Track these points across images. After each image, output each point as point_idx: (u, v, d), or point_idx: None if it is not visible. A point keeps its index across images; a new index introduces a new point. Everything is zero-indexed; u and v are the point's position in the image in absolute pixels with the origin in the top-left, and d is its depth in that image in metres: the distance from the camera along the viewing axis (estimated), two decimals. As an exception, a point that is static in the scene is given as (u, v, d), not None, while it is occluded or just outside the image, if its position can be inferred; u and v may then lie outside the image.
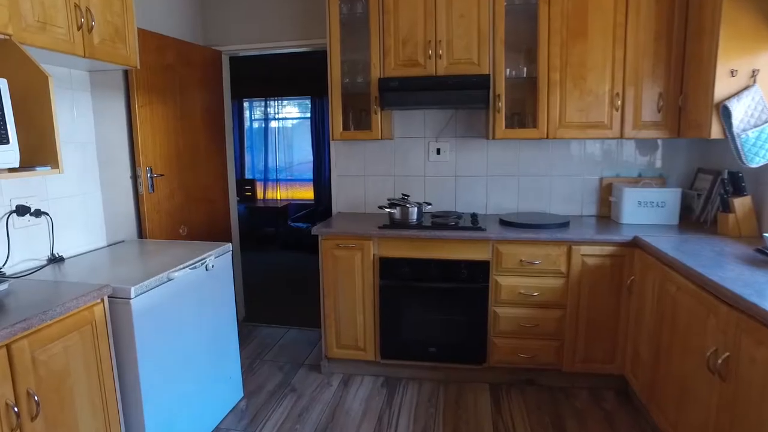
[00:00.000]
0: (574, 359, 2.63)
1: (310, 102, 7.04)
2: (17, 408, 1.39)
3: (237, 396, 2.62)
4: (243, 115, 7.35)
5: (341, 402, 2.63)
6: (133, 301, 1.81)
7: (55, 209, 2.20)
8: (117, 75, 2.58)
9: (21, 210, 2.01)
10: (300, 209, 6.89)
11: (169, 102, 2.93)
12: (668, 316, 2.06)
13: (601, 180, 3.04)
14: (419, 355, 2.77)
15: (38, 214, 2.08)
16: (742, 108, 2.19)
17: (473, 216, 2.95)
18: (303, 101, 7.30)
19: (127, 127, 2.66)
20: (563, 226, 2.71)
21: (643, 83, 2.63)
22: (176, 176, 3.00)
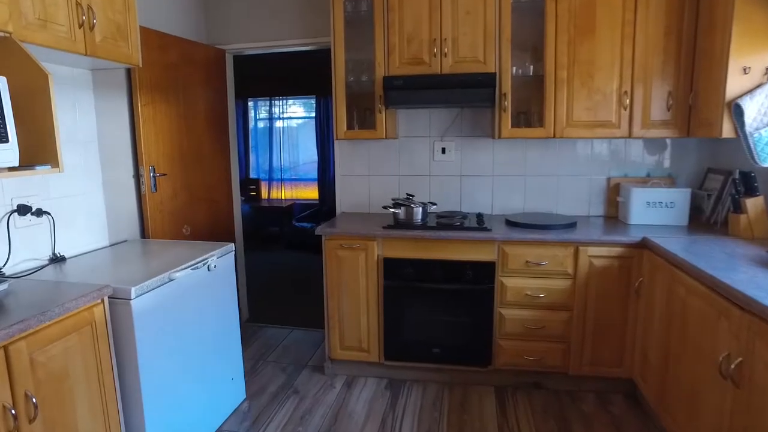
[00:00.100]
0: (581, 362, 2.59)
1: (315, 101, 7.03)
2: (15, 410, 1.37)
3: (239, 397, 2.60)
4: (248, 115, 7.34)
5: (344, 404, 2.60)
6: (134, 302, 1.79)
7: (57, 209, 2.19)
8: (119, 74, 2.57)
9: (22, 209, 2.00)
10: (304, 209, 6.88)
11: (172, 101, 2.91)
12: (678, 319, 2.01)
13: (609, 180, 3.00)
14: (424, 357, 2.74)
15: (40, 214, 2.07)
16: (755, 106, 2.14)
17: (479, 216, 2.92)
18: (308, 101, 7.29)
19: (130, 126, 2.65)
20: (570, 227, 2.67)
21: (652, 81, 2.58)
22: (179, 176, 2.98)
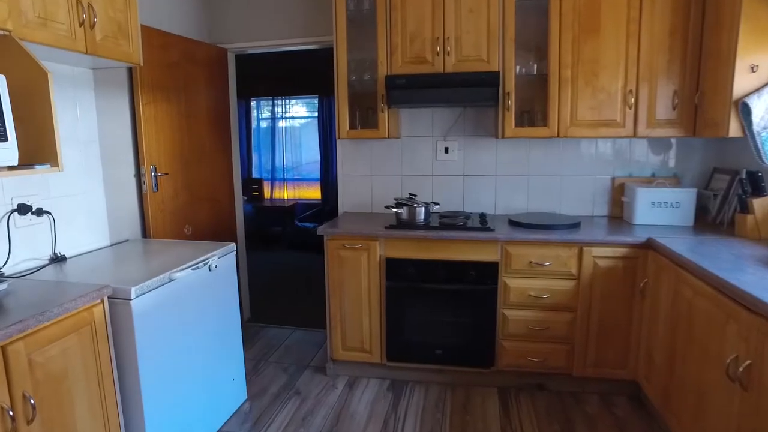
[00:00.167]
0: (585, 363, 2.56)
1: (318, 101, 7.02)
2: (12, 412, 1.36)
3: (241, 398, 2.59)
4: (251, 115, 7.34)
5: (346, 405, 2.58)
6: (134, 302, 1.77)
7: (58, 208, 2.18)
8: (121, 73, 2.56)
9: (22, 209, 1.99)
10: (307, 209, 6.87)
11: (174, 100, 2.90)
12: (684, 321, 1.99)
13: (613, 180, 2.97)
14: (426, 358, 2.72)
15: (40, 213, 2.06)
16: (763, 105, 2.11)
17: (482, 216, 2.89)
18: (311, 100, 7.28)
19: (131, 126, 2.64)
20: (574, 227, 2.65)
21: (658, 80, 2.55)
22: (181, 175, 2.97)
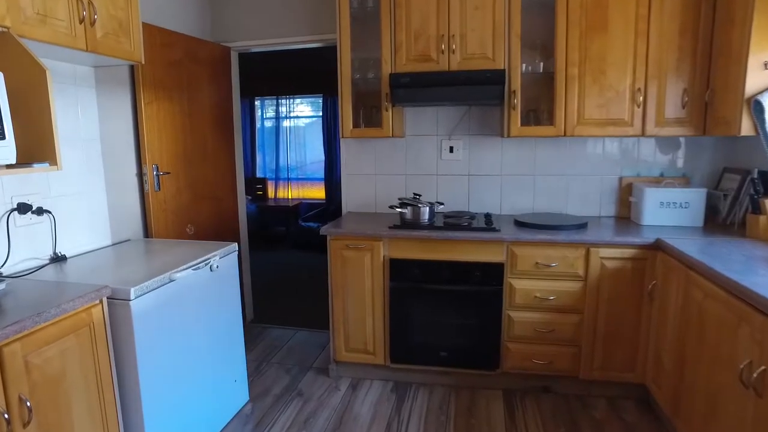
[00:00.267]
0: (592, 366, 2.52)
1: (322, 100, 7.00)
2: (8, 414, 1.34)
3: (243, 400, 2.56)
4: (254, 114, 7.33)
5: (349, 407, 2.55)
6: (133, 303, 1.75)
7: (58, 207, 2.16)
8: (123, 71, 2.54)
9: (22, 208, 1.97)
10: (311, 208, 6.85)
11: (176, 99, 2.88)
12: (694, 324, 1.94)
13: (621, 180, 2.92)
14: (430, 360, 2.69)
15: (40, 213, 2.04)
16: (775, 103, 2.06)
17: (487, 216, 2.85)
18: (315, 100, 7.26)
19: (133, 124, 2.62)
20: (581, 228, 2.60)
21: (667, 78, 2.50)
22: (183, 174, 2.95)
